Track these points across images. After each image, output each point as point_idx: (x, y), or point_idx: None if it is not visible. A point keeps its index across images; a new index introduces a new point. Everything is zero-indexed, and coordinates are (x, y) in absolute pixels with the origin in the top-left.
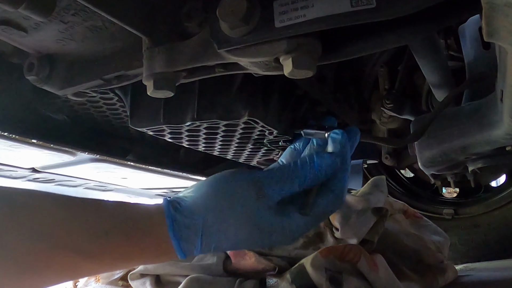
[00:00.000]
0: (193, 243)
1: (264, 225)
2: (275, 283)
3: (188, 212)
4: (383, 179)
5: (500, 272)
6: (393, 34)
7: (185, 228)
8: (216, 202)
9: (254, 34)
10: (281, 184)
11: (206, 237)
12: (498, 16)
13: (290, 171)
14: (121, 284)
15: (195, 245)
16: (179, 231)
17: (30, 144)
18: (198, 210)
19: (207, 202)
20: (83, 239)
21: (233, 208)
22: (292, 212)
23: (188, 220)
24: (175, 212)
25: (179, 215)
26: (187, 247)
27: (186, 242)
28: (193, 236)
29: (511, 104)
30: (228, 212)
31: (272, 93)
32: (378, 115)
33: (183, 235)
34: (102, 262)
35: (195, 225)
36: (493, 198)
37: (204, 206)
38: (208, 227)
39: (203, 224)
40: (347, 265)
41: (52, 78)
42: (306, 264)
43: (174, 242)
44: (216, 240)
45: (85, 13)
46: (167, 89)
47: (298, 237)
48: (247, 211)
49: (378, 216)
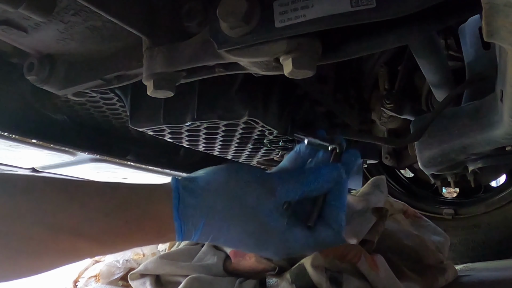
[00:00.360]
0: (195, 225)
1: (268, 226)
2: (275, 283)
3: (198, 192)
4: (383, 179)
5: (500, 272)
6: (393, 34)
7: (191, 208)
8: (228, 189)
9: (254, 34)
10: (290, 187)
11: (208, 222)
12: (498, 16)
13: (299, 176)
14: (121, 284)
15: (196, 229)
16: (184, 211)
17: (30, 144)
18: (209, 192)
19: (220, 187)
20: (82, 221)
21: (243, 200)
22: (295, 225)
23: (196, 200)
24: (183, 191)
25: (188, 194)
26: (187, 229)
27: (187, 224)
28: (197, 218)
29: (511, 104)
30: (238, 202)
31: (272, 93)
32: (378, 115)
33: (187, 215)
34: (102, 244)
35: (202, 206)
36: (493, 198)
37: (216, 190)
38: (214, 212)
39: (210, 208)
40: (347, 265)
41: (52, 78)
42: (306, 264)
43: (176, 222)
44: (217, 228)
45: (85, 13)
46: (167, 89)
47: (293, 253)
48: (256, 207)
49: (378, 216)
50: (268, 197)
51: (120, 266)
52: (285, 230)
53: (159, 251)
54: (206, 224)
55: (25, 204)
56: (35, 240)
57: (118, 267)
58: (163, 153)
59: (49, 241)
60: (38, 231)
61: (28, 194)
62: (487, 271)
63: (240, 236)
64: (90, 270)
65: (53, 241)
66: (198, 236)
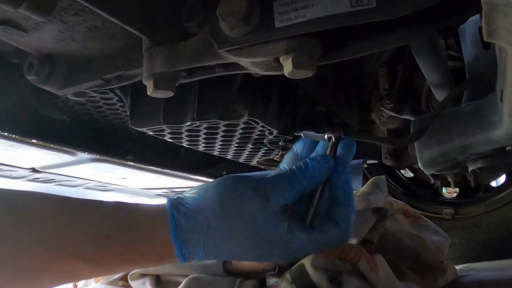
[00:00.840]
0: (195, 247)
1: (268, 235)
2: (275, 283)
3: (191, 215)
4: (383, 179)
5: (500, 272)
6: (393, 34)
7: (188, 231)
8: (221, 207)
9: (254, 34)
10: (283, 191)
11: (208, 243)
12: (498, 16)
13: (290, 177)
14: (121, 284)
15: (197, 250)
16: (181, 235)
17: (30, 144)
18: (202, 214)
19: (212, 206)
20: (83, 243)
21: (238, 215)
22: (296, 228)
23: (191, 223)
24: (178, 214)
25: (182, 217)
26: (188, 252)
27: (187, 247)
28: (196, 240)
29: (511, 104)
30: (234, 218)
31: (272, 93)
32: (378, 115)
33: (185, 239)
34: (103, 266)
35: (198, 229)
36: (493, 198)
37: (209, 210)
38: (211, 232)
39: (206, 229)
40: (347, 265)
41: (52, 78)
42: (306, 264)
43: (175, 247)
44: (218, 247)
45: (85, 13)
46: (167, 89)
47: (299, 255)
48: (253, 219)
49: (379, 216)
50: (264, 205)
51: None
52: (287, 235)
53: None
54: (206, 245)
55: (25, 224)
56: (34, 260)
57: None
58: (163, 153)
59: (50, 262)
60: (37, 251)
61: (29, 213)
62: (487, 271)
63: (242, 250)
64: None
65: (53, 262)
66: (201, 257)
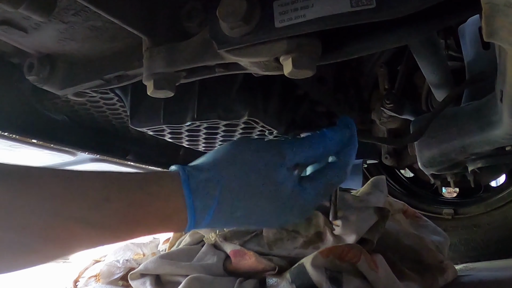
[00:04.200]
0: (210, 198)
1: (283, 187)
2: (275, 282)
3: (206, 168)
4: (383, 179)
5: (500, 272)
6: (393, 34)
7: (202, 181)
8: (236, 158)
9: (254, 34)
10: (298, 150)
11: (224, 193)
12: (498, 16)
13: (306, 141)
14: (121, 284)
15: (211, 204)
16: (195, 184)
17: (30, 144)
18: (218, 166)
19: (227, 158)
20: (82, 208)
21: (254, 165)
22: (305, 183)
23: (206, 174)
24: (191, 169)
25: (197, 171)
26: (201, 205)
27: (200, 197)
28: (211, 189)
29: (511, 104)
30: (249, 168)
31: (272, 93)
32: (378, 115)
33: (199, 187)
34: (102, 230)
35: (214, 179)
36: (493, 198)
37: (224, 162)
38: (227, 182)
39: (222, 179)
40: (347, 265)
41: (52, 78)
42: (306, 264)
43: (186, 198)
44: (234, 200)
45: (85, 13)
46: (167, 89)
47: (310, 210)
48: (268, 169)
49: (380, 216)
50: (279, 159)
51: (120, 266)
52: (298, 188)
53: (159, 251)
54: (222, 196)
55: (21, 194)
56: (33, 229)
57: (118, 267)
58: (163, 153)
59: (48, 229)
60: (36, 219)
61: (25, 184)
62: (487, 271)
63: (259, 205)
64: (90, 270)
65: (49, 230)
66: (212, 215)
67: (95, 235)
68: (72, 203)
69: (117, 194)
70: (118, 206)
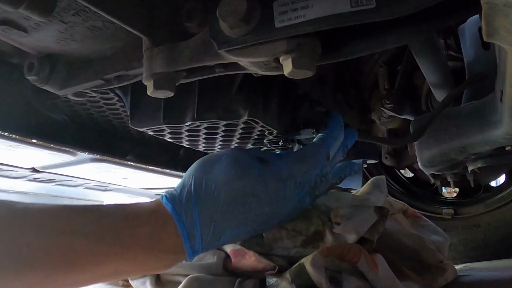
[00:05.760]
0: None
1: (273, 185)
2: (275, 282)
3: (187, 192)
4: (383, 179)
5: (500, 272)
6: (393, 34)
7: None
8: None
9: (254, 34)
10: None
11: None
12: (498, 16)
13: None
14: (121, 284)
15: (208, 229)
16: (183, 213)
17: (30, 144)
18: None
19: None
20: None
21: (241, 173)
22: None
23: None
24: (172, 191)
25: (177, 195)
26: (194, 234)
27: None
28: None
29: (511, 104)
30: (237, 176)
31: (272, 93)
32: (378, 115)
33: (186, 217)
34: (95, 273)
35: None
36: (492, 198)
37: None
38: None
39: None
40: (347, 264)
41: (52, 78)
42: (306, 264)
43: (180, 231)
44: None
45: (85, 13)
46: (167, 89)
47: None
48: (253, 173)
49: (379, 216)
50: (261, 162)
51: None
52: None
53: None
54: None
55: None
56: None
57: None
58: (163, 153)
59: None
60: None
61: (9, 230)
62: (487, 271)
63: (252, 208)
64: None
65: None
66: (209, 239)
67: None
68: None
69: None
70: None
